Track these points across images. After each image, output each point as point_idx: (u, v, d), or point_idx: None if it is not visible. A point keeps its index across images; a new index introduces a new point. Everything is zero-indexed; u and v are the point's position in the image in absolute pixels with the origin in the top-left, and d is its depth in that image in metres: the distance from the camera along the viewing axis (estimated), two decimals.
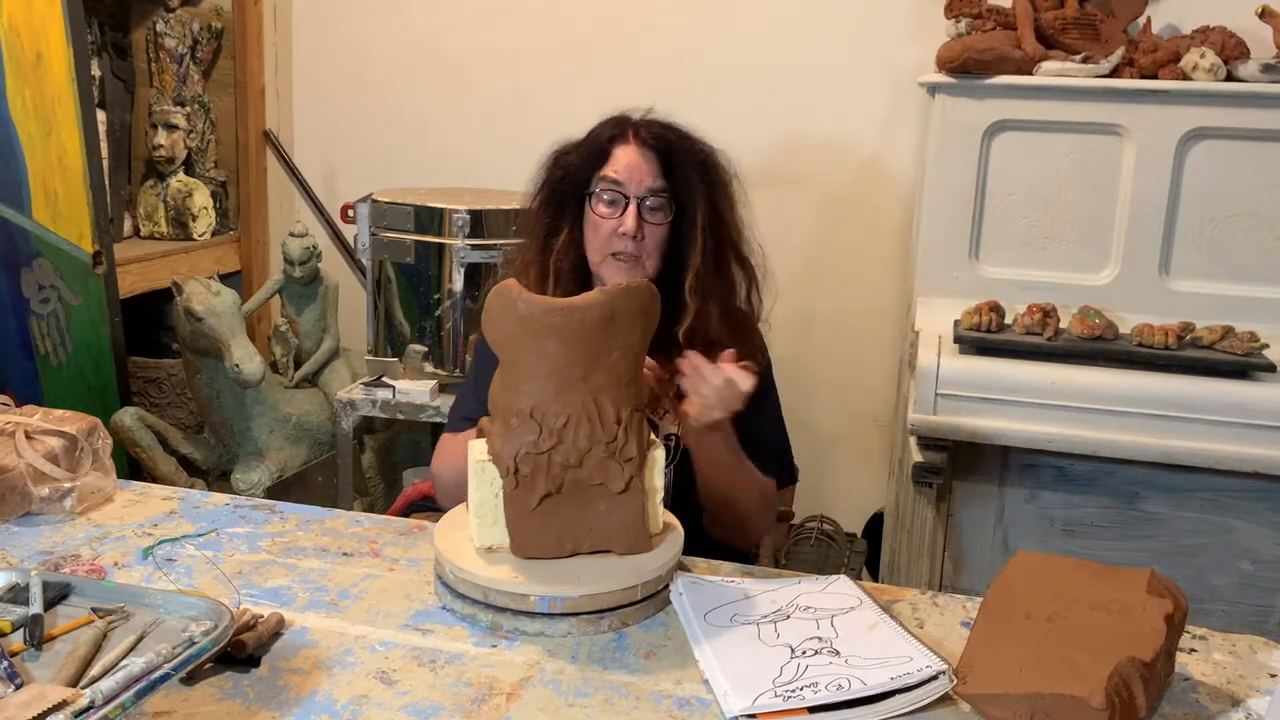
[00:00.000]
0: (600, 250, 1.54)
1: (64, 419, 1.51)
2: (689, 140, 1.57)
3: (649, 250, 1.53)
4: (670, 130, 1.56)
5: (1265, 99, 2.18)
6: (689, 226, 1.54)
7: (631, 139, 1.55)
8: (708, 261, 1.53)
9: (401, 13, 3.00)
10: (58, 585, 1.18)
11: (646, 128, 1.56)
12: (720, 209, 1.56)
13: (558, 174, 1.59)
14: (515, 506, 1.24)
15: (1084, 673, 1.02)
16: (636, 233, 1.51)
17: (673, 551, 1.29)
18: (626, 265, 1.52)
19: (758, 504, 1.51)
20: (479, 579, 1.21)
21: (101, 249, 2.53)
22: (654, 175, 1.52)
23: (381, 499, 2.80)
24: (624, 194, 1.52)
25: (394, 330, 2.57)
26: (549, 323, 1.20)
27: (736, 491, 1.48)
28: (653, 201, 1.52)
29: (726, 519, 1.50)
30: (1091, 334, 2.17)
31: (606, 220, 1.52)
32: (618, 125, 1.57)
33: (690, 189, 1.53)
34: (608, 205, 1.52)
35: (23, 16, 2.30)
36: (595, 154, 1.56)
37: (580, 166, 1.57)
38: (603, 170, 1.54)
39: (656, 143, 1.54)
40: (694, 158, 1.55)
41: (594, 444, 1.22)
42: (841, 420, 2.87)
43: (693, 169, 1.54)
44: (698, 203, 1.53)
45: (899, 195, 2.72)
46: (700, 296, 1.53)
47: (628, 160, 1.53)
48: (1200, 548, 2.21)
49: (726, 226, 1.57)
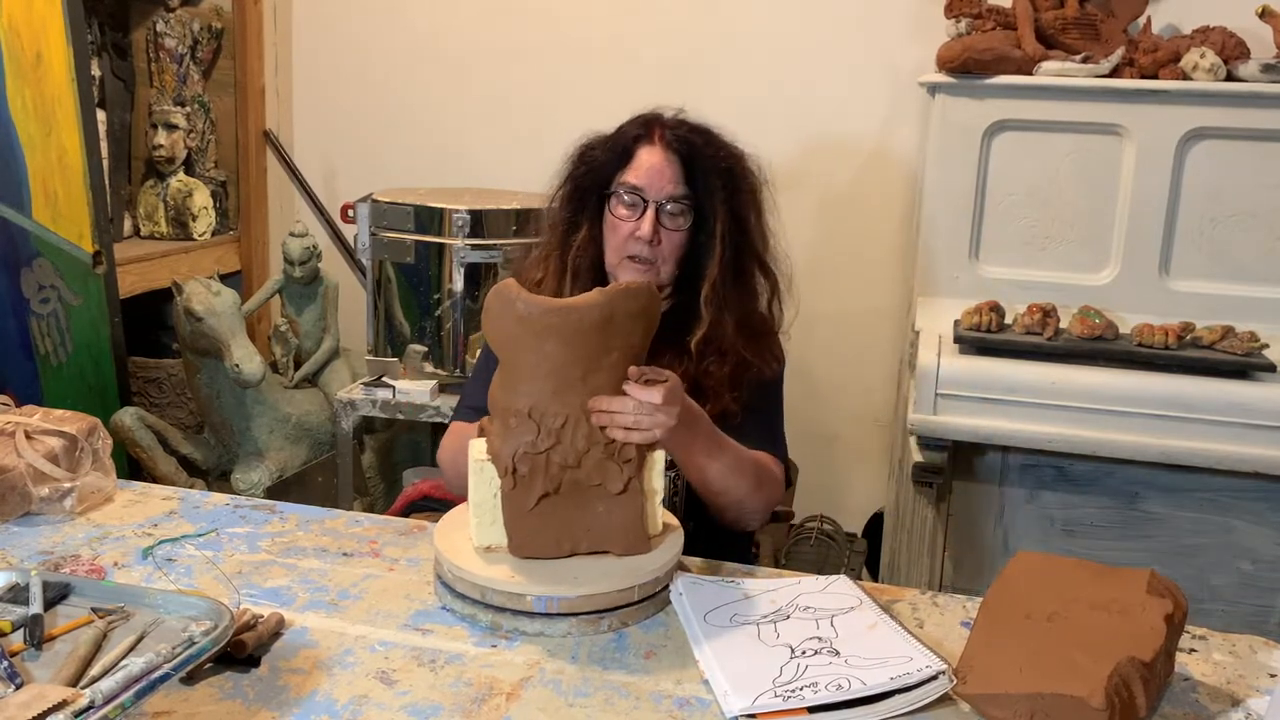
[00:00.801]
0: (617, 251, 1.53)
1: (64, 419, 1.51)
2: (715, 145, 1.55)
3: (665, 256, 1.52)
4: (697, 134, 1.54)
5: (1265, 99, 2.18)
6: (709, 234, 1.52)
7: (657, 141, 1.53)
8: (725, 272, 1.52)
9: (402, 13, 3.00)
10: (58, 585, 1.18)
11: (673, 130, 1.54)
12: (743, 217, 1.54)
13: (581, 169, 1.58)
14: (513, 506, 1.24)
15: (1084, 673, 1.02)
16: (653, 238, 1.50)
17: (673, 552, 1.29)
18: (642, 269, 1.51)
19: (752, 485, 1.47)
20: (477, 578, 1.21)
21: (101, 249, 2.53)
22: (675, 180, 1.51)
23: (381, 499, 2.80)
24: (643, 198, 1.50)
25: (394, 330, 2.57)
26: (547, 323, 1.20)
27: (728, 478, 1.44)
28: (672, 208, 1.51)
29: (725, 504, 1.48)
30: (1091, 334, 2.17)
31: (624, 223, 1.51)
32: (645, 125, 1.55)
33: (712, 196, 1.51)
34: (627, 208, 1.51)
35: (23, 16, 2.30)
36: (619, 153, 1.54)
37: (604, 164, 1.55)
38: (625, 171, 1.53)
39: (681, 146, 1.52)
40: (718, 164, 1.53)
41: (592, 444, 1.22)
42: (841, 420, 2.87)
43: (716, 175, 1.52)
44: (719, 210, 1.51)
45: (899, 195, 2.72)
46: (715, 307, 1.51)
47: (650, 163, 1.51)
48: (1200, 548, 2.21)
49: (749, 235, 1.55)
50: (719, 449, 1.40)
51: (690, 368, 1.51)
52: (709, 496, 1.46)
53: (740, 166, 1.56)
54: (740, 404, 1.52)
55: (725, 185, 1.52)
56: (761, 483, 1.48)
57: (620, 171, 1.53)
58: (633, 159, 1.53)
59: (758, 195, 1.57)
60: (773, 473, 1.52)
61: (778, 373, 1.61)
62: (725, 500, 1.46)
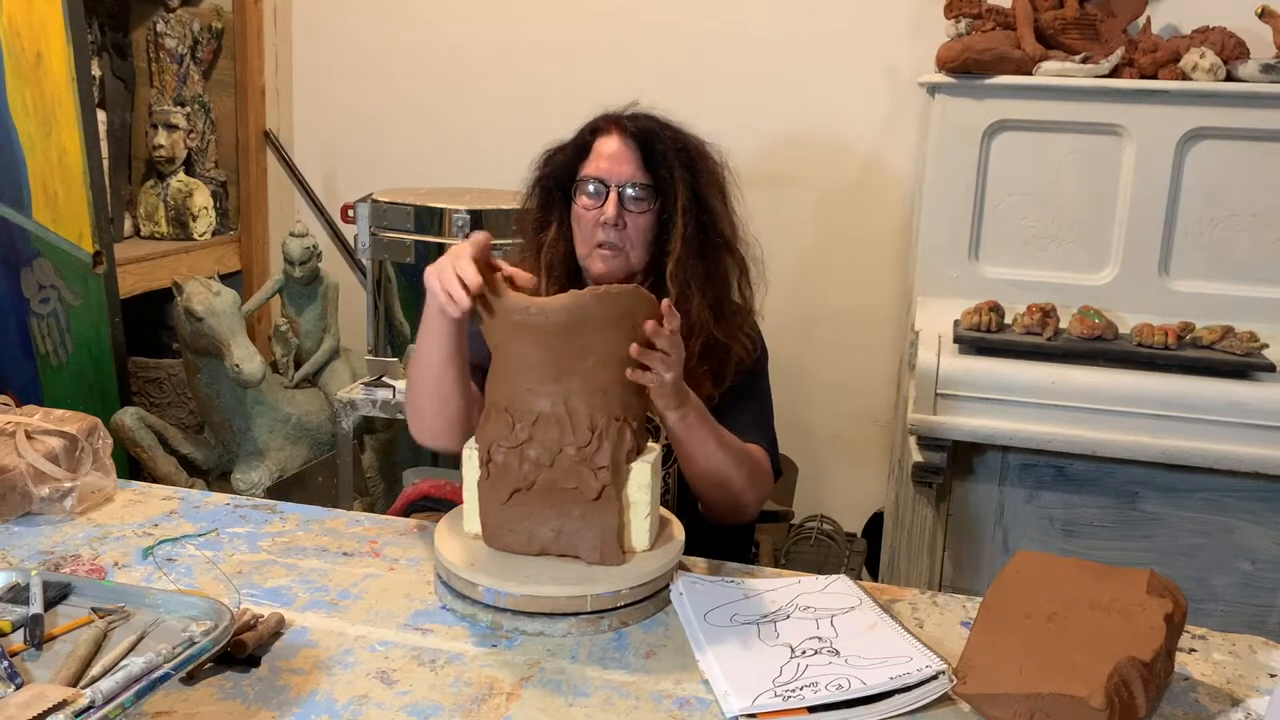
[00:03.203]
0: (586, 242, 1.55)
1: (64, 419, 1.51)
2: (671, 129, 1.57)
3: (633, 240, 1.53)
4: (653, 120, 1.57)
5: (1265, 99, 2.18)
6: (671, 214, 1.54)
7: (614, 130, 1.56)
8: (689, 247, 1.53)
9: (402, 13, 3.00)
10: (58, 585, 1.19)
11: (630, 120, 1.57)
12: (703, 195, 1.55)
13: (546, 170, 1.62)
14: (487, 497, 1.26)
15: (1084, 673, 1.02)
16: (617, 221, 1.51)
17: (673, 553, 1.29)
18: (611, 256, 1.53)
19: (748, 477, 1.47)
20: (472, 575, 1.21)
21: (101, 249, 2.53)
22: (635, 164, 1.53)
23: (381, 499, 2.80)
24: (605, 184, 1.53)
25: (394, 330, 2.57)
26: (516, 320, 1.22)
27: (724, 468, 1.43)
28: (634, 191, 1.52)
29: (719, 498, 1.48)
30: (1091, 334, 2.17)
31: (589, 212, 1.53)
32: (602, 119, 1.59)
33: (672, 176, 1.53)
34: (590, 197, 1.53)
35: (23, 16, 2.30)
36: (579, 148, 1.58)
37: (566, 162, 1.59)
38: (586, 163, 1.56)
39: (638, 132, 1.55)
40: (675, 144, 1.55)
41: (565, 446, 1.23)
42: (841, 420, 2.87)
43: (674, 155, 1.54)
44: (679, 189, 1.53)
45: (899, 195, 2.72)
46: (681, 282, 1.52)
47: (609, 150, 1.54)
48: (1200, 548, 2.21)
49: (711, 213, 1.56)
50: (719, 433, 1.41)
51: None
52: (707, 489, 1.46)
53: (699, 149, 1.58)
54: (724, 392, 1.53)
55: (684, 165, 1.54)
56: (756, 475, 1.49)
57: (581, 165, 1.56)
58: (592, 151, 1.56)
59: (719, 176, 1.59)
60: (764, 466, 1.53)
61: (759, 361, 1.61)
62: (722, 493, 1.46)
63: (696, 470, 1.43)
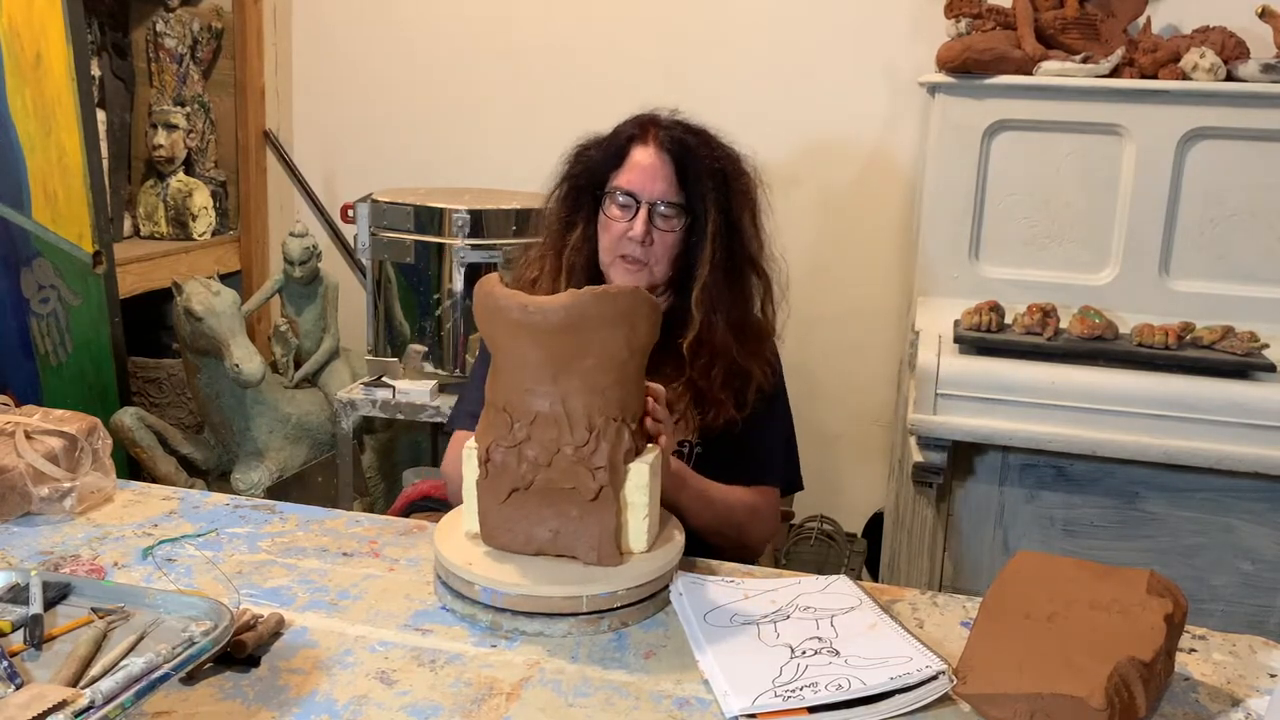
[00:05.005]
0: (610, 251, 1.54)
1: (64, 419, 1.51)
2: (710, 146, 1.55)
3: (658, 256, 1.52)
4: (692, 134, 1.55)
5: (1265, 99, 2.18)
6: (702, 235, 1.52)
7: (651, 141, 1.53)
8: (716, 273, 1.52)
9: (402, 13, 3.00)
10: (58, 585, 1.18)
11: (668, 130, 1.54)
12: (736, 219, 1.54)
13: (577, 169, 1.59)
14: (486, 496, 1.26)
15: (1084, 673, 1.02)
16: (645, 239, 1.50)
17: (672, 554, 1.29)
18: (634, 269, 1.52)
19: (738, 534, 1.51)
20: (475, 577, 1.21)
21: (101, 249, 2.53)
22: (668, 181, 1.51)
23: (381, 499, 2.80)
24: (636, 199, 1.51)
25: (394, 330, 2.57)
26: (515, 318, 1.21)
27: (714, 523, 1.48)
28: (665, 209, 1.51)
29: (719, 544, 1.50)
30: (1091, 334, 2.17)
31: (617, 223, 1.52)
32: (640, 126, 1.56)
33: (705, 198, 1.51)
34: (620, 208, 1.52)
35: (23, 16, 2.30)
36: (614, 153, 1.55)
37: (599, 164, 1.56)
38: (619, 171, 1.53)
39: (675, 148, 1.52)
40: (712, 165, 1.53)
41: (563, 446, 1.23)
42: (841, 420, 2.87)
43: (709, 177, 1.52)
44: (711, 212, 1.51)
45: (899, 195, 2.72)
46: (706, 308, 1.52)
47: (644, 164, 1.52)
48: (1200, 548, 2.21)
49: (742, 236, 1.55)
50: (706, 505, 1.45)
51: (686, 371, 1.51)
52: (706, 537, 1.49)
53: (734, 168, 1.56)
54: (745, 418, 1.53)
55: (718, 187, 1.52)
56: (751, 526, 1.53)
57: (615, 172, 1.54)
58: (627, 159, 1.54)
59: (752, 196, 1.57)
60: (764, 512, 1.56)
61: (776, 384, 1.61)
62: (721, 540, 1.51)
63: (691, 526, 1.43)
